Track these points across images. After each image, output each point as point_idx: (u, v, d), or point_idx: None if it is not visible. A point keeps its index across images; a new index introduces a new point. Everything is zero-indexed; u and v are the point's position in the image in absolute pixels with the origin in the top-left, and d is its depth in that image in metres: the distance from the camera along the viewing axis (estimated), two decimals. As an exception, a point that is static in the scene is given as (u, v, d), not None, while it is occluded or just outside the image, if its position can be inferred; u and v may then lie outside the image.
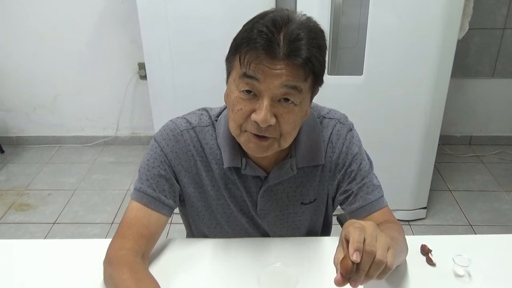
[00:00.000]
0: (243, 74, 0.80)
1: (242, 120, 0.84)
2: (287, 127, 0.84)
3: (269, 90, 0.80)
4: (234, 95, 0.84)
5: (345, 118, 1.03)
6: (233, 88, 0.84)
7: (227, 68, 0.88)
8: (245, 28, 0.82)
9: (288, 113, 0.83)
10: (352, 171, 0.99)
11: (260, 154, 0.88)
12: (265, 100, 0.80)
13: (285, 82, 0.79)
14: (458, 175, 2.80)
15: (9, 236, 2.29)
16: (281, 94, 0.81)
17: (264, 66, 0.78)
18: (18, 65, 2.97)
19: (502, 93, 3.00)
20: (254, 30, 0.79)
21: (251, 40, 0.78)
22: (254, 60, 0.78)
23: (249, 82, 0.80)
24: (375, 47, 1.94)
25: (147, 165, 0.97)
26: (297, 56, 0.78)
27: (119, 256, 0.90)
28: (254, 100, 0.82)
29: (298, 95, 0.82)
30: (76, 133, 3.21)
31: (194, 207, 1.03)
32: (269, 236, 1.08)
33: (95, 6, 2.77)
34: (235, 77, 0.83)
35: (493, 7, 2.73)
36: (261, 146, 0.86)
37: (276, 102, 0.82)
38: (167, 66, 2.05)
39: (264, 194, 1.00)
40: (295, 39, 0.78)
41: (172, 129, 0.98)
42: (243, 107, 0.83)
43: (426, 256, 1.00)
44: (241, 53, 0.80)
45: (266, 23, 0.78)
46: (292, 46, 0.77)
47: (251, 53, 0.78)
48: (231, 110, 0.86)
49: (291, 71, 0.79)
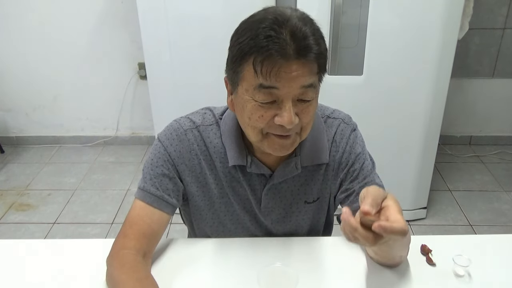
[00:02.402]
0: (260, 85, 0.80)
1: (264, 125, 0.84)
2: (307, 120, 0.86)
3: (289, 93, 0.80)
4: (250, 104, 0.83)
5: (349, 118, 1.04)
6: (246, 98, 0.83)
7: (232, 77, 0.85)
8: (248, 35, 0.78)
9: (307, 108, 0.84)
10: (355, 170, 0.99)
11: (286, 152, 0.89)
12: (287, 103, 0.81)
13: (303, 83, 0.80)
14: (458, 175, 2.80)
15: (9, 236, 2.29)
16: (299, 94, 0.82)
17: (282, 72, 0.78)
18: (18, 65, 2.97)
19: (502, 93, 3.00)
20: (261, 36, 0.77)
21: (263, 48, 0.76)
22: (273, 69, 0.77)
23: (267, 92, 0.80)
24: (375, 47, 1.94)
25: (150, 165, 0.97)
26: (310, 52, 0.78)
27: (120, 255, 0.90)
28: (274, 105, 0.82)
29: (314, 90, 0.83)
30: (76, 133, 3.21)
31: (197, 206, 1.04)
32: (271, 234, 1.08)
33: (95, 6, 2.77)
34: (248, 88, 0.82)
35: (493, 7, 2.73)
36: (286, 144, 0.87)
37: (295, 101, 0.83)
38: (167, 66, 2.05)
39: (268, 192, 1.00)
40: (303, 36, 0.78)
41: (176, 128, 0.99)
42: (264, 114, 0.83)
43: (426, 256, 1.00)
44: (256, 63, 0.78)
45: (270, 25, 0.77)
46: (302, 44, 0.78)
47: (266, 62, 0.77)
48: (248, 118, 0.85)
49: (306, 69, 0.80)
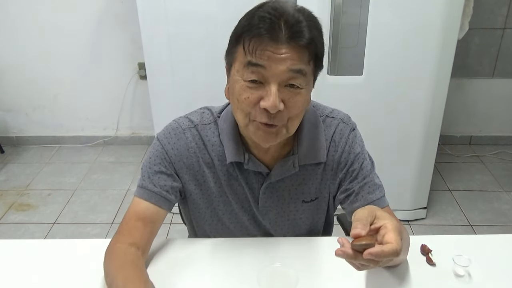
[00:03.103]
0: (248, 62, 0.81)
1: (250, 108, 0.85)
2: (294, 110, 0.85)
3: (276, 76, 0.81)
4: (239, 85, 0.84)
5: (348, 118, 1.04)
6: (237, 79, 0.85)
7: (228, 60, 0.88)
8: (245, 18, 0.83)
9: (295, 96, 0.84)
10: (354, 170, 0.99)
11: (270, 142, 0.89)
12: (273, 86, 0.81)
13: (291, 66, 0.80)
14: (458, 175, 2.80)
15: (9, 236, 2.29)
16: (287, 79, 0.82)
17: (269, 52, 0.79)
18: (18, 65, 2.97)
19: (502, 93, 3.00)
20: (255, 17, 0.80)
21: (254, 26, 0.80)
22: (259, 46, 0.79)
23: (255, 70, 0.81)
24: (375, 47, 1.94)
25: (149, 163, 0.99)
26: (301, 37, 0.80)
27: (113, 249, 0.93)
28: (261, 88, 0.83)
29: (303, 78, 0.83)
30: (76, 133, 3.21)
31: (195, 204, 1.04)
32: (270, 234, 1.08)
33: (95, 6, 2.77)
34: (239, 68, 0.84)
35: (493, 7, 2.73)
36: (270, 133, 0.87)
37: (282, 87, 0.83)
38: (167, 66, 2.05)
39: (266, 190, 1.01)
40: (296, 21, 0.80)
41: (175, 128, 1.00)
42: (250, 95, 0.83)
43: (426, 256, 1.00)
44: (245, 41, 0.81)
45: (267, 9, 0.81)
46: (295, 29, 0.79)
47: (255, 39, 0.80)
48: (236, 100, 0.86)
49: (296, 54, 0.80)
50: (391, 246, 0.69)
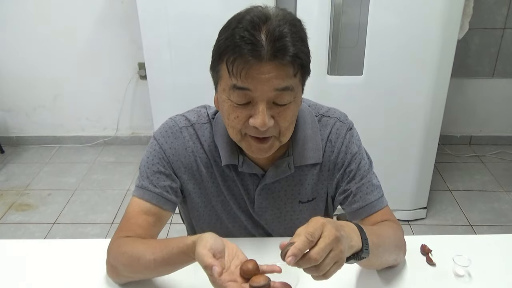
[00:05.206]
0: (233, 86, 0.81)
1: (240, 126, 0.85)
2: (285, 123, 0.85)
3: (263, 95, 0.81)
4: (227, 105, 0.84)
5: (345, 117, 1.02)
6: (224, 98, 0.85)
7: (213, 76, 0.88)
8: (225, 35, 0.81)
9: (284, 111, 0.84)
10: (351, 170, 0.99)
11: (264, 155, 0.89)
12: (260, 105, 0.81)
13: (276, 86, 0.80)
14: (458, 175, 2.80)
15: (9, 236, 2.29)
16: (274, 97, 0.82)
17: (253, 73, 0.78)
18: (18, 65, 2.96)
19: (502, 93, 3.00)
20: (236, 36, 0.78)
21: (236, 47, 0.78)
22: (243, 69, 0.78)
23: (241, 94, 0.81)
24: (375, 47, 1.94)
25: (146, 163, 0.98)
26: (284, 54, 0.78)
27: (117, 243, 0.91)
28: (249, 106, 0.83)
29: (291, 93, 0.83)
30: (76, 133, 3.20)
31: (194, 203, 1.04)
32: (268, 233, 1.08)
33: (95, 6, 2.77)
34: (225, 87, 0.84)
35: (493, 7, 2.73)
36: (263, 148, 0.87)
37: (271, 104, 0.82)
38: (167, 66, 2.05)
39: (261, 192, 1.00)
40: (279, 37, 0.78)
41: (171, 126, 0.99)
42: (239, 115, 0.84)
43: (426, 256, 1.00)
44: (228, 62, 0.80)
45: (246, 26, 0.78)
46: (277, 45, 0.77)
47: (238, 61, 0.78)
48: (226, 118, 0.87)
49: (281, 72, 0.79)
50: (297, 238, 0.68)
